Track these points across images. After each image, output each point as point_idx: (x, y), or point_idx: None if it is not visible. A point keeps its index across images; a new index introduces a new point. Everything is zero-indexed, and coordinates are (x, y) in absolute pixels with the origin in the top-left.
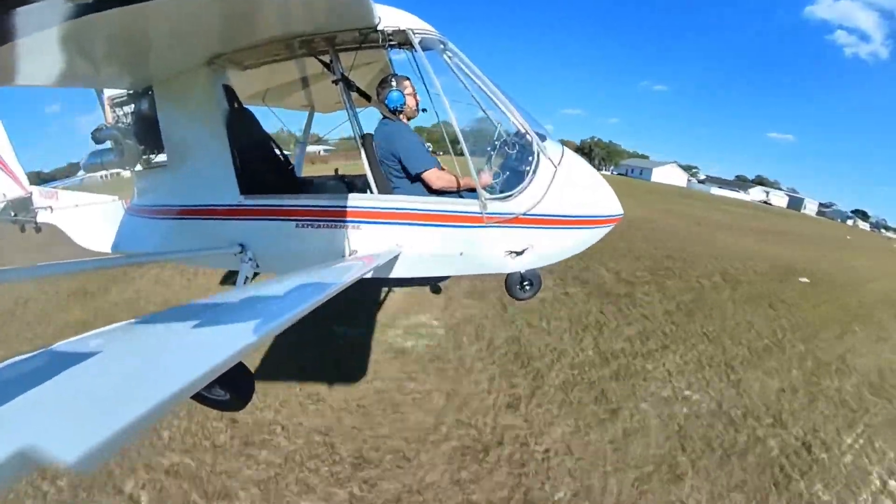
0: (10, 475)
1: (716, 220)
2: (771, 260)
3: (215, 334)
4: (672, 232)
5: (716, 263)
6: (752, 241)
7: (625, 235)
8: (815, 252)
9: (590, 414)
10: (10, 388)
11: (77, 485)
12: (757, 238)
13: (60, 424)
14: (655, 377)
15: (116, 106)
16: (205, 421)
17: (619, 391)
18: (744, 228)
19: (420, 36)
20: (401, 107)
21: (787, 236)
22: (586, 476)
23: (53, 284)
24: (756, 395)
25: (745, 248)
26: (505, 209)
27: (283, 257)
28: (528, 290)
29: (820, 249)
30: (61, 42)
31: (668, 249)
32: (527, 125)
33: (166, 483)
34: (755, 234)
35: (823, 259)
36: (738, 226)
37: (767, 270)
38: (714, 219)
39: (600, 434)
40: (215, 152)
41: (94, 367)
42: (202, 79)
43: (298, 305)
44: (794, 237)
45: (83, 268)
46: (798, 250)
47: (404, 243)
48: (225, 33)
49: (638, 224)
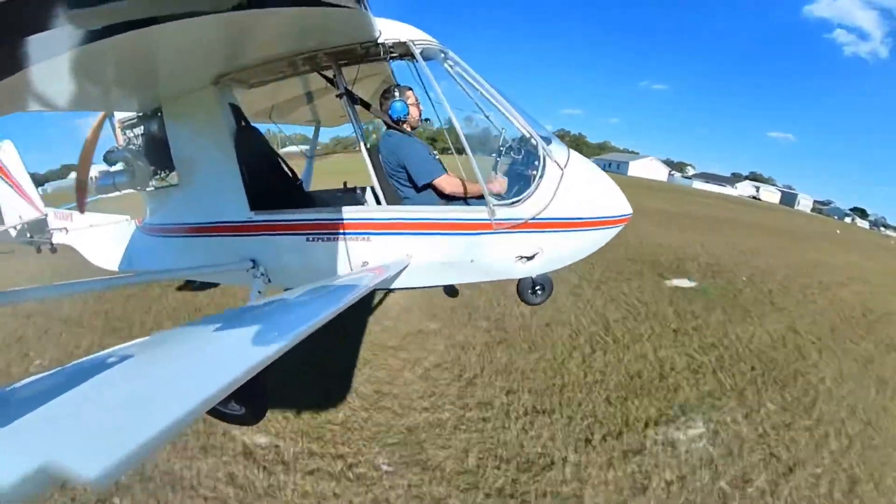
0: (32, 491)
1: (658, 209)
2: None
3: (230, 349)
4: None
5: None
6: (688, 233)
7: None
8: (761, 243)
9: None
10: (31, 404)
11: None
12: (696, 230)
13: (80, 440)
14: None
15: (127, 128)
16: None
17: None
18: (692, 218)
19: (421, 46)
20: (404, 117)
21: (740, 228)
22: None
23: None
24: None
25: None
26: (513, 214)
27: (294, 271)
28: (539, 294)
29: (779, 242)
30: (71, 68)
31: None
32: (531, 129)
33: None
34: (700, 226)
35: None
36: (687, 215)
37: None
38: (656, 207)
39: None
40: (224, 170)
41: (112, 383)
42: (209, 98)
43: (312, 318)
44: (754, 229)
45: (98, 287)
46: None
47: (414, 253)
48: (229, 53)
49: None
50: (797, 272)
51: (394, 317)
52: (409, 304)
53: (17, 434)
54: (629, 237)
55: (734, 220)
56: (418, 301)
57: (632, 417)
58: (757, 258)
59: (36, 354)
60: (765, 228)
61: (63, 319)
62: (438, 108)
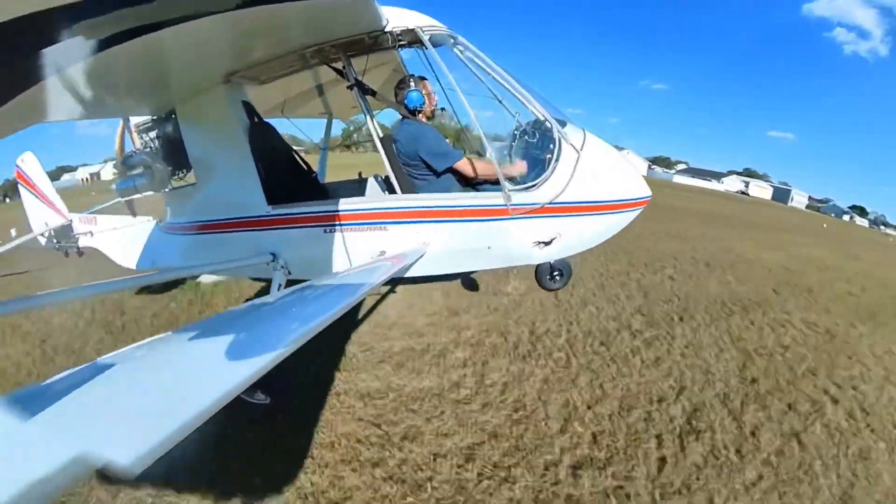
0: (72, 478)
1: None
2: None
3: (255, 339)
4: None
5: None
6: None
7: None
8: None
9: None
10: (66, 397)
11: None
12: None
13: (113, 429)
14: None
15: (143, 132)
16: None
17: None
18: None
19: (429, 33)
20: (420, 107)
21: (686, 216)
22: None
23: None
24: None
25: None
26: (530, 199)
27: (313, 263)
28: (558, 280)
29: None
30: (85, 77)
31: None
32: (545, 112)
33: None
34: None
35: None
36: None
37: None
38: None
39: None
40: (240, 167)
41: (141, 375)
42: (221, 97)
43: (332, 308)
44: (695, 216)
45: (126, 285)
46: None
47: (431, 241)
48: (238, 51)
49: None
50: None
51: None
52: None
53: (53, 426)
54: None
55: (685, 209)
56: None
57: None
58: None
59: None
60: (708, 215)
61: (94, 320)
62: (450, 94)
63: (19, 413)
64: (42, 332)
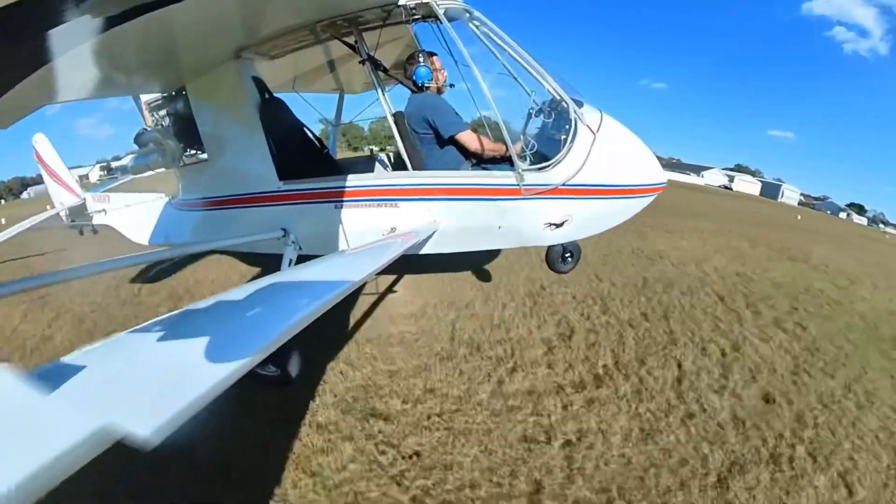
0: (93, 449)
1: None
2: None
3: (267, 313)
4: None
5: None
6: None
7: None
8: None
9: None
10: (85, 371)
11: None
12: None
13: (132, 402)
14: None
15: (154, 109)
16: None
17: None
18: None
19: (444, 6)
20: (428, 82)
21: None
22: None
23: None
24: None
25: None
26: (542, 180)
27: (324, 238)
28: (569, 261)
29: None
30: (95, 56)
31: None
32: (562, 91)
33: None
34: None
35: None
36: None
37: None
38: None
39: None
40: (251, 143)
41: (158, 348)
42: (231, 73)
43: (342, 284)
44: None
45: (140, 261)
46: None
47: (442, 218)
48: (247, 26)
49: None
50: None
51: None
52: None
53: (74, 399)
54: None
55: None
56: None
57: None
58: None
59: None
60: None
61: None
62: (465, 70)
63: (42, 387)
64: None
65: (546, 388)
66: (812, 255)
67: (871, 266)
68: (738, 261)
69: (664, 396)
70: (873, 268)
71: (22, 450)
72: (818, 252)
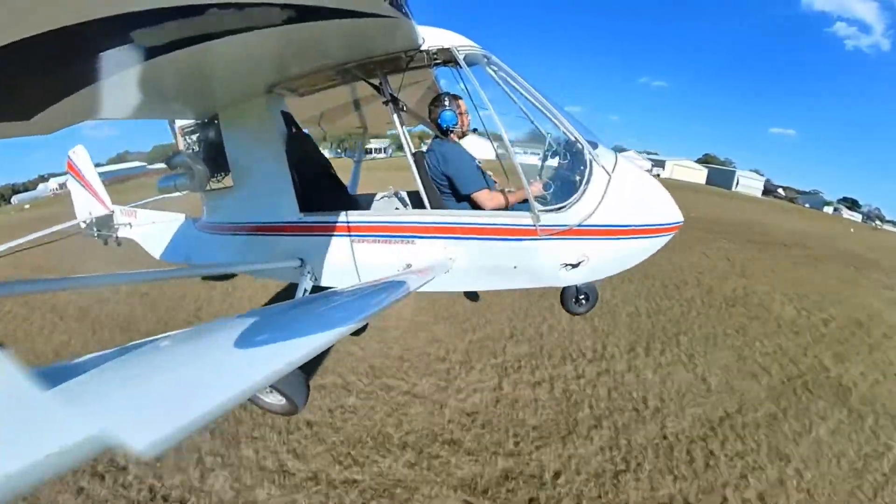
0: (85, 455)
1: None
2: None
3: (275, 341)
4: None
5: None
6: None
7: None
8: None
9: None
10: (91, 376)
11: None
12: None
13: (133, 413)
14: None
15: (187, 134)
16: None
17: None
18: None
19: (464, 52)
20: (453, 126)
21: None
22: None
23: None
24: None
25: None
26: (558, 221)
27: (340, 271)
28: (584, 304)
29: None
30: (137, 81)
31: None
32: (577, 133)
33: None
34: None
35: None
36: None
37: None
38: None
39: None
40: (276, 173)
41: (164, 364)
42: (262, 107)
43: (354, 317)
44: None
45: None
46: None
47: (457, 257)
48: (280, 65)
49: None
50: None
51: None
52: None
53: (74, 403)
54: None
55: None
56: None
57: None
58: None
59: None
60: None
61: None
62: (482, 113)
63: (45, 386)
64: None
65: None
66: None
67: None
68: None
69: None
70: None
71: (13, 444)
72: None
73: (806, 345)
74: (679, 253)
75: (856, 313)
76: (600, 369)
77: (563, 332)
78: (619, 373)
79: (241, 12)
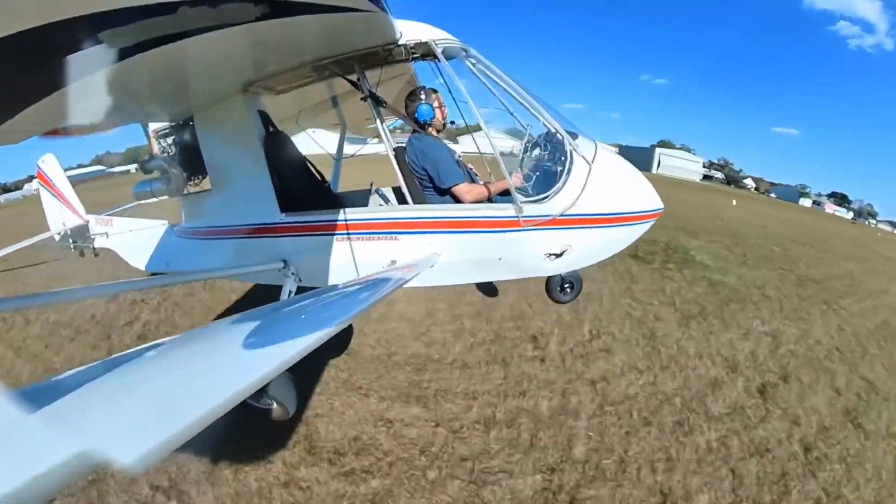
0: (72, 473)
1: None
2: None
3: (261, 345)
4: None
5: None
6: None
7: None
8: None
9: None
10: (74, 393)
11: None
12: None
13: (118, 428)
14: None
15: (161, 137)
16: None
17: None
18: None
19: (442, 46)
20: (430, 120)
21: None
22: None
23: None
24: None
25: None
26: (541, 211)
27: (324, 271)
28: (569, 292)
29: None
30: (107, 84)
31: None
32: (557, 124)
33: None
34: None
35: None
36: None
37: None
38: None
39: None
40: (255, 174)
41: (149, 375)
42: (238, 106)
43: (340, 316)
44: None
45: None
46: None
47: (442, 251)
48: (256, 62)
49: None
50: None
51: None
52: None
53: (60, 420)
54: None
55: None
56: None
57: None
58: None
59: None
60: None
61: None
62: (462, 106)
63: (27, 406)
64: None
65: None
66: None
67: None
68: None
69: None
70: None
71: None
72: None
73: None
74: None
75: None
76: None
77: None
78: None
79: (216, 9)
